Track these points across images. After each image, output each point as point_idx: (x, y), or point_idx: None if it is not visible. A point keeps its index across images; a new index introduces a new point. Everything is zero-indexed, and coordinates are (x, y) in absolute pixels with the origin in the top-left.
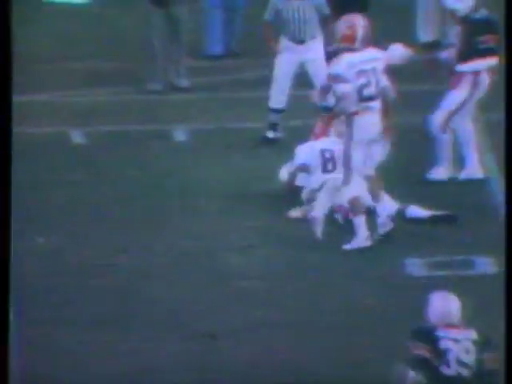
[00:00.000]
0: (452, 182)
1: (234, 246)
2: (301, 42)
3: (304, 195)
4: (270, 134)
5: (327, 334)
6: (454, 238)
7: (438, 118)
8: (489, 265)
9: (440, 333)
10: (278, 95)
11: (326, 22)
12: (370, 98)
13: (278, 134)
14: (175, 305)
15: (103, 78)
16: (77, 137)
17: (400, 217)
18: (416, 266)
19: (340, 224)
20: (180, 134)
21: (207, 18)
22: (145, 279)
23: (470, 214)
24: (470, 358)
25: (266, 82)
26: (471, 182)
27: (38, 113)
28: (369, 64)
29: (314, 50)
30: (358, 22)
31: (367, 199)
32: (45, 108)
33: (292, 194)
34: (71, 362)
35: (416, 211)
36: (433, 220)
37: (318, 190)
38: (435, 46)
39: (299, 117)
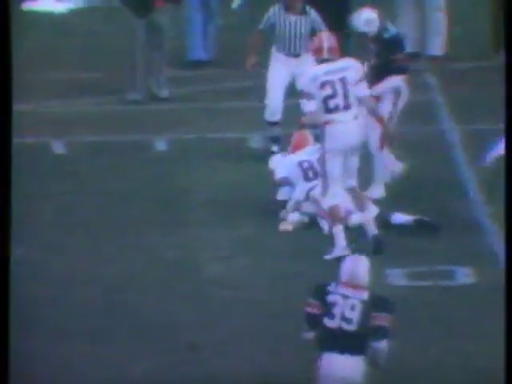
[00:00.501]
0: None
1: (216, 256)
2: (296, 55)
3: (289, 208)
4: (275, 148)
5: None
6: (435, 248)
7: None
8: (469, 275)
9: (331, 287)
10: (273, 108)
11: None
12: (337, 109)
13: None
14: (159, 315)
15: (84, 88)
16: (58, 147)
17: (385, 225)
18: (397, 277)
19: (324, 233)
20: (161, 144)
21: (187, 25)
22: (128, 289)
23: (451, 224)
24: (354, 315)
25: (246, 92)
26: (450, 192)
27: (20, 123)
28: (336, 74)
29: (309, 64)
30: (323, 35)
31: (347, 209)
32: (26, 118)
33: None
34: (54, 373)
35: (400, 217)
36: (418, 223)
37: (304, 199)
38: (415, 57)
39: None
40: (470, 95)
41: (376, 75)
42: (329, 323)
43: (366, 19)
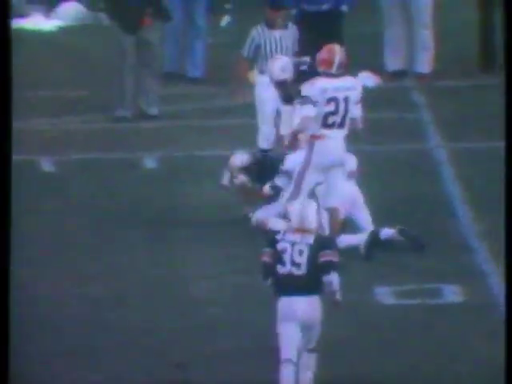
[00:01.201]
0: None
1: (204, 275)
2: None
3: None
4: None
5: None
6: (423, 266)
7: None
8: (457, 293)
9: (279, 236)
10: (265, 135)
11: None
12: (333, 126)
13: None
14: (146, 334)
15: (73, 106)
16: (47, 165)
17: (374, 241)
18: (385, 295)
19: None
20: (150, 162)
21: (166, 42)
22: (115, 308)
23: (438, 242)
24: (303, 259)
25: (235, 109)
26: (438, 210)
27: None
28: (342, 93)
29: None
30: (336, 48)
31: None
32: (15, 136)
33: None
34: None
35: (387, 231)
36: (401, 233)
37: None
38: (402, 74)
39: None
40: (457, 113)
41: None
42: (281, 270)
43: (280, 67)
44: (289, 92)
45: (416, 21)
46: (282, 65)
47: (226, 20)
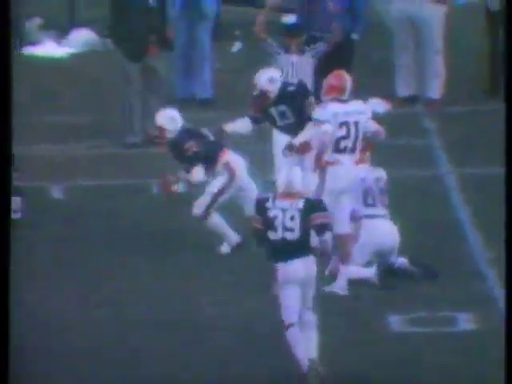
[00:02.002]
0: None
1: (213, 300)
2: None
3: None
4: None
5: None
6: (436, 294)
7: None
8: (470, 321)
9: (269, 204)
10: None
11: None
12: (345, 151)
13: None
14: (151, 360)
15: (81, 132)
16: (56, 191)
17: (387, 270)
18: (398, 323)
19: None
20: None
21: (174, 65)
22: (121, 334)
23: (450, 269)
24: (295, 224)
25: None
26: (449, 237)
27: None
28: (353, 117)
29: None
30: (346, 74)
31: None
32: (23, 162)
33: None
34: None
35: (399, 260)
36: (413, 262)
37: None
38: (413, 100)
39: None
40: (467, 138)
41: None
42: (273, 236)
43: (269, 77)
44: (264, 109)
45: (428, 47)
46: (271, 76)
47: (236, 46)
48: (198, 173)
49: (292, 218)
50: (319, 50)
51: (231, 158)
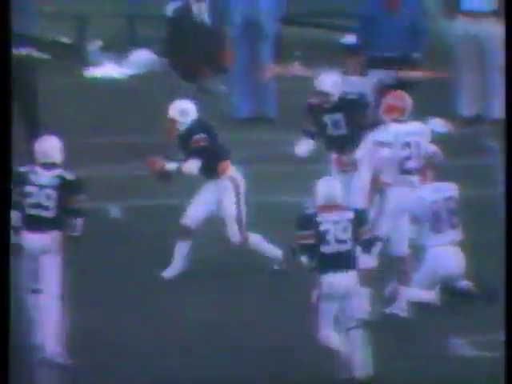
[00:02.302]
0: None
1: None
2: None
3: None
4: None
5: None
6: (498, 316)
7: None
8: None
9: (320, 218)
10: None
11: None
12: (410, 172)
13: None
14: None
15: (138, 152)
16: (114, 211)
17: (450, 291)
18: (460, 346)
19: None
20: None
21: (235, 85)
22: (178, 357)
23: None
24: (347, 235)
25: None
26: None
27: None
28: (413, 137)
29: None
30: (406, 95)
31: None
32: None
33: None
34: None
35: (463, 283)
36: (477, 284)
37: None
38: (477, 120)
39: None
40: None
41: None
42: (326, 249)
43: (333, 81)
44: (317, 116)
45: (491, 66)
46: (335, 79)
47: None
48: (192, 164)
49: (344, 230)
50: (383, 78)
51: (233, 172)
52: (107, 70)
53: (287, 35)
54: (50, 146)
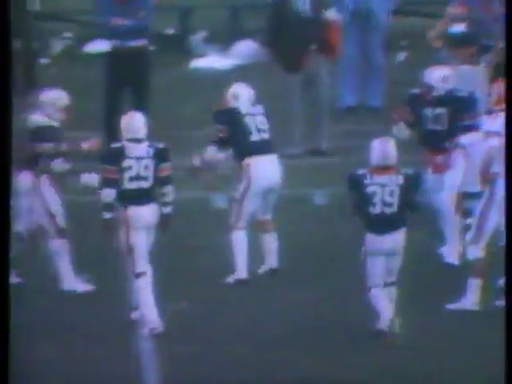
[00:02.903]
0: None
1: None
2: None
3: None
4: None
5: None
6: None
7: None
8: None
9: (368, 180)
10: None
11: None
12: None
13: None
14: None
15: None
16: (217, 201)
17: None
18: None
19: None
20: (320, 198)
21: (342, 74)
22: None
23: None
24: (394, 199)
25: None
26: None
27: (179, 178)
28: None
29: None
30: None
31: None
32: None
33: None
34: None
35: None
36: None
37: None
38: None
39: None
40: None
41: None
42: (372, 210)
43: (443, 75)
44: (418, 108)
45: None
46: (445, 74)
47: (401, 57)
48: (210, 151)
49: (391, 194)
50: (490, 60)
51: (255, 162)
52: (211, 61)
53: (393, 24)
54: (138, 122)
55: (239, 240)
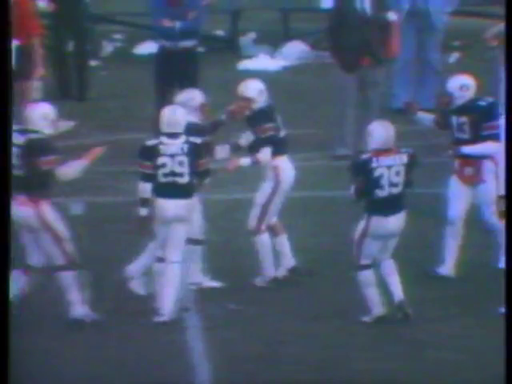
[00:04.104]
0: None
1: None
2: None
3: None
4: None
5: None
6: None
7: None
8: None
9: (375, 164)
10: None
11: None
12: None
13: None
14: None
15: (295, 145)
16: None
17: None
18: None
19: None
20: None
21: (396, 75)
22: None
23: None
24: (399, 179)
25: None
26: None
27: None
28: None
29: None
30: None
31: None
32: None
33: None
34: None
35: None
36: None
37: None
38: None
39: None
40: None
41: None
42: (379, 193)
43: (461, 83)
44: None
45: None
46: (463, 83)
47: (454, 57)
48: (266, 154)
49: (397, 173)
50: None
51: (283, 163)
52: (260, 62)
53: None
54: (179, 117)
55: (265, 243)
